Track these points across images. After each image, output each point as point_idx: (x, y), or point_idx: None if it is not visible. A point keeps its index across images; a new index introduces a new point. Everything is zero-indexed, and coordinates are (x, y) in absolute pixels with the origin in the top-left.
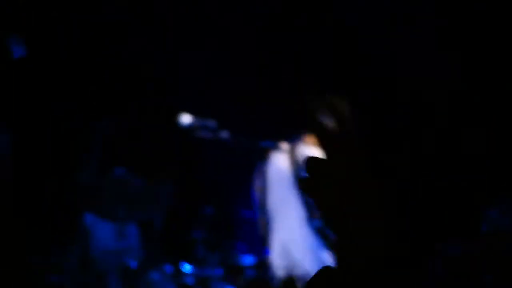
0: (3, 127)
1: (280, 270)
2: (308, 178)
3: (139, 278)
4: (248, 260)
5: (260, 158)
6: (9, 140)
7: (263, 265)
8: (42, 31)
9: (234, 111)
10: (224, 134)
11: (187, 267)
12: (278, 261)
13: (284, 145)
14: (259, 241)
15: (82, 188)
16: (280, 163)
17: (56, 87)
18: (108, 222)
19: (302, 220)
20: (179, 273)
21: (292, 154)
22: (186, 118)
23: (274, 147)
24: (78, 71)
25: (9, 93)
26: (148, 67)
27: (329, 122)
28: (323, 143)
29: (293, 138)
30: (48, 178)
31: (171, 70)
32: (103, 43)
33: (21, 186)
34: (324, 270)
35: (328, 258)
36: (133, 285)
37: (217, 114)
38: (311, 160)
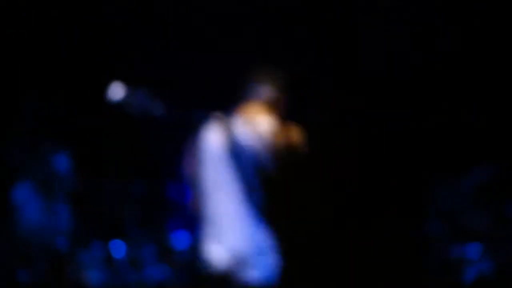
0: None
1: (213, 248)
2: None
3: (68, 258)
4: (181, 238)
5: (193, 132)
6: None
7: (196, 243)
8: None
9: (166, 81)
10: (156, 106)
11: (118, 247)
12: (212, 238)
13: (219, 117)
14: (192, 218)
15: (11, 164)
16: (214, 136)
17: None
18: (37, 200)
19: (238, 194)
20: (109, 253)
21: (228, 126)
22: (115, 90)
23: (209, 118)
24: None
25: None
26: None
27: (267, 93)
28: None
29: (227, 109)
30: None
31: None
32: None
33: None
34: None
35: (265, 232)
36: (62, 265)
37: (149, 85)
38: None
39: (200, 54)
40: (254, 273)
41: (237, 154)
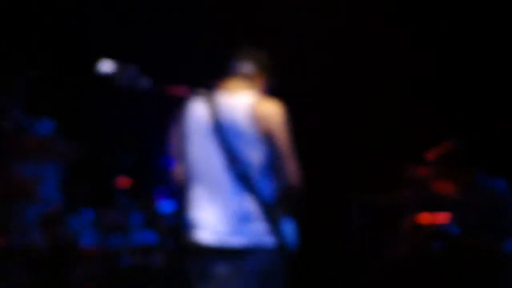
0: None
1: (197, 215)
2: None
3: (59, 224)
4: (167, 206)
5: (178, 105)
6: None
7: (181, 210)
8: None
9: (153, 57)
10: (143, 81)
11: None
12: (197, 206)
13: (202, 92)
14: (178, 188)
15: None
16: (199, 110)
17: None
18: (29, 168)
19: (223, 166)
20: (98, 219)
21: (211, 100)
22: (105, 65)
23: (193, 94)
24: None
25: None
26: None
27: (248, 69)
28: None
29: (211, 85)
30: None
31: (90, 18)
32: None
33: None
34: None
35: (250, 201)
36: (53, 231)
37: (136, 61)
38: None
39: (187, 34)
40: (237, 239)
41: (220, 125)
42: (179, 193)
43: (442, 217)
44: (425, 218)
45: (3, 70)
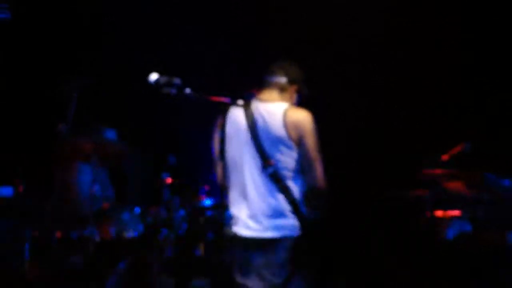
0: None
1: (235, 211)
2: None
3: (112, 218)
4: (208, 202)
5: (220, 113)
6: None
7: (221, 206)
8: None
9: (200, 72)
10: (188, 91)
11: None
12: (234, 202)
13: (240, 102)
14: (217, 186)
15: (64, 137)
16: (237, 117)
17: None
18: (87, 169)
19: (257, 168)
20: (146, 213)
21: (248, 109)
22: (154, 77)
23: (232, 103)
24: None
25: None
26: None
27: (281, 81)
28: None
29: (248, 95)
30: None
31: (145, 37)
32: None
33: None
34: None
35: (280, 199)
36: (107, 224)
37: (183, 73)
38: None
39: (229, 52)
40: (269, 233)
41: (256, 131)
42: (218, 191)
43: (454, 212)
44: (440, 213)
45: (66, 79)
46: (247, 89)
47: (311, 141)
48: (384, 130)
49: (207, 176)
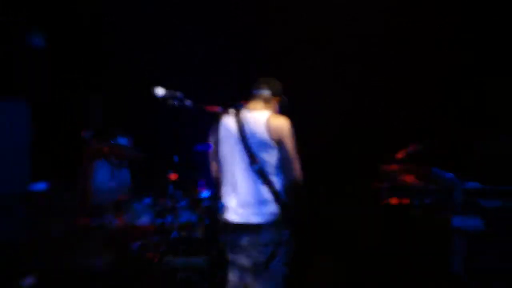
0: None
1: (227, 201)
2: None
3: (127, 208)
4: (205, 194)
5: (214, 120)
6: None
7: (216, 197)
8: (57, 25)
9: (197, 85)
10: (187, 102)
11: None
12: (226, 194)
13: (231, 111)
14: (213, 180)
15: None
16: (228, 123)
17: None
18: (106, 167)
19: (245, 165)
20: (155, 204)
21: (237, 117)
22: (159, 90)
23: (225, 112)
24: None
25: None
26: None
27: (265, 93)
28: None
29: (238, 105)
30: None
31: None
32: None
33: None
34: None
35: (264, 190)
36: (122, 213)
37: (183, 88)
38: None
39: (222, 69)
40: (255, 218)
41: (244, 134)
42: (214, 184)
43: (407, 200)
44: (395, 200)
45: (86, 92)
46: (238, 101)
47: (289, 142)
48: (352, 132)
49: (204, 172)
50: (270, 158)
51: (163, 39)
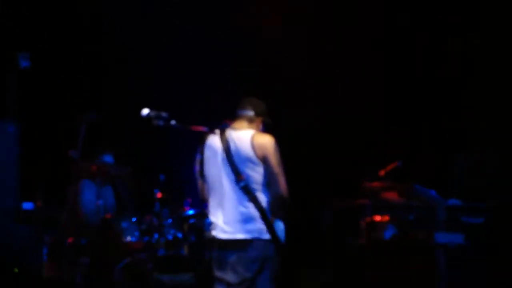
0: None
1: (213, 218)
2: None
3: (114, 226)
4: (191, 211)
5: (200, 140)
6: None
7: (201, 215)
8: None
9: (182, 106)
10: (172, 122)
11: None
12: (213, 211)
13: (217, 130)
14: (199, 198)
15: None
16: (214, 142)
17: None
18: (93, 186)
19: (231, 182)
20: (141, 222)
21: (223, 136)
22: (145, 111)
23: (210, 131)
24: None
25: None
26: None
27: (249, 113)
28: None
29: (223, 125)
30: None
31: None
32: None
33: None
34: None
35: (250, 207)
36: (110, 231)
37: (168, 108)
38: None
39: (208, 90)
40: (241, 235)
41: (229, 152)
42: (200, 202)
43: (388, 217)
44: (378, 217)
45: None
46: (223, 120)
47: (274, 159)
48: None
49: (190, 191)
50: (256, 175)
51: (149, 58)
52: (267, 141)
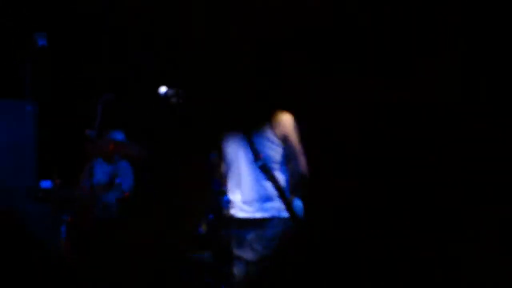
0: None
1: (232, 197)
2: None
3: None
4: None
5: (219, 118)
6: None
7: (220, 193)
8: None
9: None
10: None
11: None
12: (231, 190)
13: (235, 108)
14: (220, 178)
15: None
16: (233, 120)
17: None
18: (105, 166)
19: (249, 162)
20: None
21: (242, 114)
22: (163, 89)
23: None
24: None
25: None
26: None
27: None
28: None
29: (242, 103)
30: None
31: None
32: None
33: None
34: None
35: (268, 186)
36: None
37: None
38: None
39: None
40: (260, 214)
41: (248, 131)
42: (221, 182)
43: None
44: None
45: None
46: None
47: (294, 137)
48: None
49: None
50: (274, 154)
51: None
52: (286, 119)
